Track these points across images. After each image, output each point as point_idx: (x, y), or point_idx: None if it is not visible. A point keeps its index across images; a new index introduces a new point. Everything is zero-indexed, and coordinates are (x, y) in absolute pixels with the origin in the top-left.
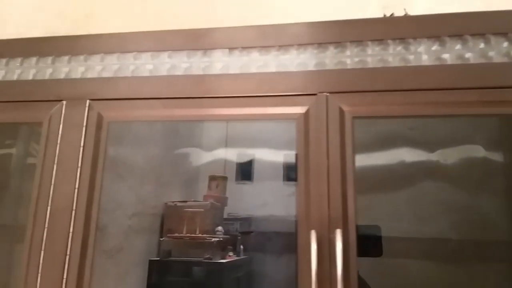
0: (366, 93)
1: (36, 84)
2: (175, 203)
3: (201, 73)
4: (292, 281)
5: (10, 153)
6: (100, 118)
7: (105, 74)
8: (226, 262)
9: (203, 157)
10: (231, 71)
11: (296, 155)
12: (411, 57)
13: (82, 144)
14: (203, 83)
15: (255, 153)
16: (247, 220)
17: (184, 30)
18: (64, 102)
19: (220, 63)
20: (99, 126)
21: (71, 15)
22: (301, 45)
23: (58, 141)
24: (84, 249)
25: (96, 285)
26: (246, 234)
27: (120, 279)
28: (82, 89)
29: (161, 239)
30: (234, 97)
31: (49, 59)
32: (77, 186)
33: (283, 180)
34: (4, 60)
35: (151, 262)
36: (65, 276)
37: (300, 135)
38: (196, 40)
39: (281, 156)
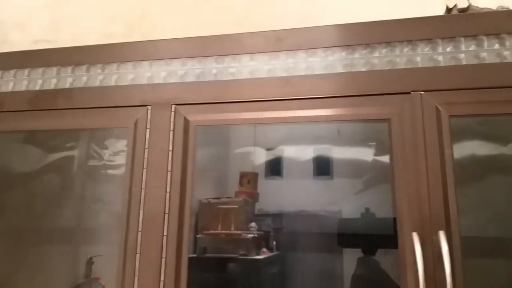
0: (461, 91)
1: (119, 89)
2: (208, 200)
3: (285, 74)
4: (325, 277)
5: (72, 155)
6: (186, 122)
7: (188, 79)
8: (262, 258)
9: (232, 154)
10: (316, 72)
11: (391, 156)
12: (507, 53)
13: (170, 148)
14: (287, 84)
15: (284, 148)
16: (278, 216)
17: (264, 32)
18: (149, 107)
19: (304, 63)
20: (186, 130)
21: (124, 18)
22: (389, 43)
23: (146, 146)
24: (179, 251)
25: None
26: (278, 231)
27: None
28: (166, 93)
29: (197, 236)
30: (320, 97)
31: (130, 65)
32: (168, 190)
33: (314, 175)
34: (84, 67)
35: (189, 259)
36: (162, 279)
37: (396, 135)
38: (278, 42)
39: (311, 150)
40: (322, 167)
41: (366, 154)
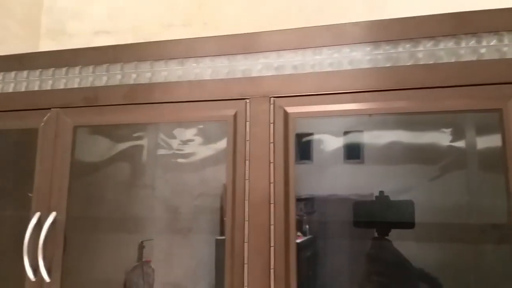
0: None
1: (216, 83)
2: None
3: (389, 65)
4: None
5: (141, 145)
6: (286, 115)
7: (285, 71)
8: (299, 242)
9: None
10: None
11: (504, 145)
12: None
13: (271, 141)
14: (392, 74)
15: (314, 132)
16: (310, 200)
17: (363, 22)
18: (248, 100)
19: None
20: (286, 123)
21: (183, 7)
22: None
23: (247, 138)
24: (287, 240)
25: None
26: (309, 214)
27: (194, 257)
28: (264, 86)
29: (225, 218)
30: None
31: (225, 58)
32: (272, 181)
33: (344, 159)
34: (177, 61)
35: (217, 241)
36: (272, 267)
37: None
38: (381, 30)
39: (341, 135)
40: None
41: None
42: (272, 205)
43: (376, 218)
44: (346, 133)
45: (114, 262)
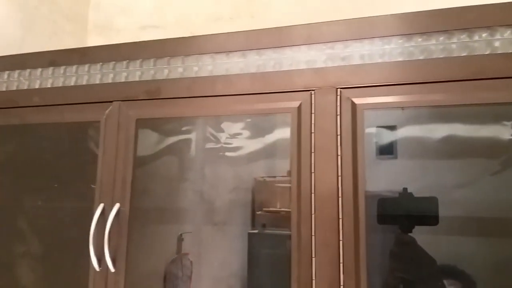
0: None
1: (279, 75)
2: (264, 178)
3: (465, 54)
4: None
5: (189, 138)
6: (354, 106)
7: (353, 61)
8: None
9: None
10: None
11: None
12: None
13: (338, 133)
14: (468, 64)
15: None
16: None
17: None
18: (313, 92)
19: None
20: (353, 114)
21: (231, 0)
22: None
23: (313, 130)
24: (357, 234)
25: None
26: None
27: (227, 250)
28: (330, 77)
29: (258, 212)
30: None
31: (287, 49)
32: (339, 174)
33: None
34: (239, 53)
35: (250, 234)
36: (341, 261)
37: None
38: (453, 18)
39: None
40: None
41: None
42: (340, 199)
43: (400, 214)
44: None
45: (159, 253)
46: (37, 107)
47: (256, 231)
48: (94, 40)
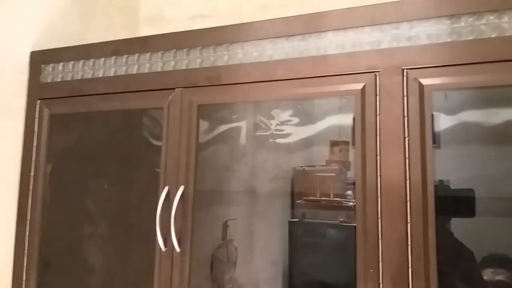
0: None
1: (342, 57)
2: (303, 167)
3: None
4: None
5: (239, 126)
6: (421, 87)
7: (419, 42)
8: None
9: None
10: None
11: None
12: None
13: (405, 114)
14: None
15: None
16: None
17: None
18: (378, 73)
19: None
20: (421, 95)
21: None
22: None
23: (378, 112)
24: (425, 219)
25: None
26: None
27: (269, 238)
28: (395, 58)
29: (297, 201)
30: None
31: (350, 31)
32: (407, 156)
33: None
34: (299, 37)
35: (290, 223)
36: (409, 243)
37: None
38: None
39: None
40: None
41: None
42: (407, 182)
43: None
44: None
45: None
46: (101, 95)
47: (296, 219)
48: (145, 31)
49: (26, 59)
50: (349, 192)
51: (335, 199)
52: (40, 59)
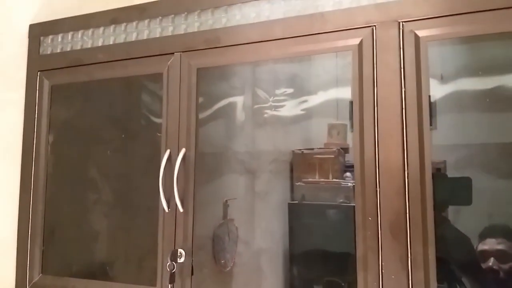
0: None
1: (339, 13)
2: (301, 150)
3: None
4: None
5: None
6: (417, 39)
7: None
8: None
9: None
10: None
11: None
12: None
13: (402, 66)
14: None
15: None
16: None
17: None
18: (375, 26)
19: None
20: (417, 47)
21: None
22: None
23: (375, 65)
24: (422, 161)
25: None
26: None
27: (269, 219)
28: (391, 11)
29: (297, 183)
30: None
31: None
32: (404, 106)
33: None
34: None
35: (290, 205)
36: (407, 192)
37: None
38: None
39: None
40: None
41: None
42: (404, 129)
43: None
44: None
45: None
46: (102, 64)
47: (295, 201)
48: None
49: (25, 32)
50: (348, 174)
51: (334, 180)
52: (39, 31)
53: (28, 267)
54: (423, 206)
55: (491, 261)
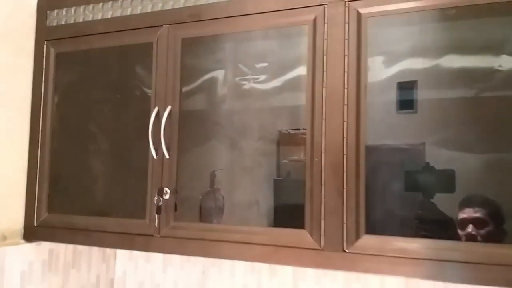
0: None
1: None
2: (288, 130)
3: None
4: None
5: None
6: (359, 15)
7: None
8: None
9: None
10: None
11: None
12: None
13: (346, 37)
14: None
15: None
16: (380, 154)
17: None
18: (326, 6)
19: None
20: (359, 22)
21: None
22: None
23: (325, 37)
24: (358, 116)
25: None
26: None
27: (255, 194)
28: None
29: (283, 161)
30: None
31: None
32: (346, 70)
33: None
34: None
35: (275, 181)
36: (345, 152)
37: None
38: None
39: None
40: None
41: None
42: (346, 90)
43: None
44: None
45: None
46: (101, 34)
47: (280, 178)
48: None
49: (34, 6)
50: None
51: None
52: (46, 6)
53: (36, 207)
54: (357, 151)
55: (469, 227)
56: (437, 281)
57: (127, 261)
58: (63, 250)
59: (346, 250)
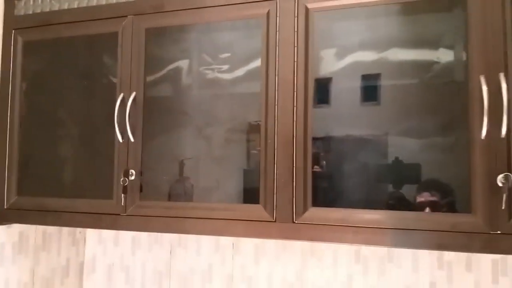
0: None
1: None
2: (258, 122)
3: None
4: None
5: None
6: (307, 10)
7: None
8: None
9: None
10: None
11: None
12: None
13: (296, 30)
14: None
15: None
16: (327, 140)
17: None
18: (278, 0)
19: None
20: (306, 15)
21: None
22: None
23: (277, 29)
24: (306, 94)
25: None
26: (326, 152)
27: (224, 183)
28: None
29: (253, 151)
30: None
31: None
32: (296, 60)
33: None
34: None
35: (245, 171)
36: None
37: None
38: None
39: None
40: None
41: None
42: (295, 79)
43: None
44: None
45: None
46: (67, 24)
47: (250, 168)
48: None
49: None
50: None
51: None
52: None
53: (5, 191)
54: (305, 134)
55: (427, 210)
56: (377, 246)
57: (96, 244)
58: (33, 233)
59: (295, 221)
